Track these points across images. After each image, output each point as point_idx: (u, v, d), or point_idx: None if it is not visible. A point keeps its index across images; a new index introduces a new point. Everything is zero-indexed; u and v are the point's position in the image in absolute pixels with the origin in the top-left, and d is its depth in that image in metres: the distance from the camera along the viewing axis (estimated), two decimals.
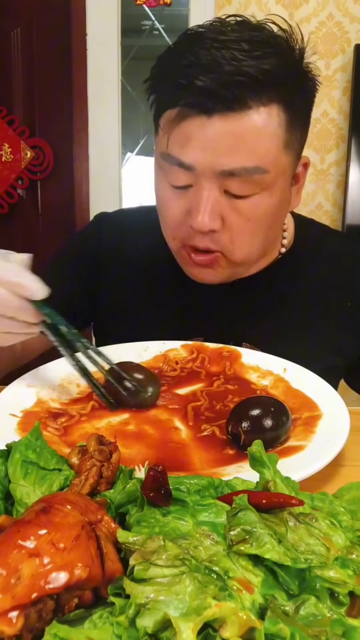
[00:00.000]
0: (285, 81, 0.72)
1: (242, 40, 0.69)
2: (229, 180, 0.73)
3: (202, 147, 0.71)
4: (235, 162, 0.71)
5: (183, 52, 0.72)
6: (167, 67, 0.75)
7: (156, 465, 0.40)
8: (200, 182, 0.73)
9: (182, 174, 0.74)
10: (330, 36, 2.32)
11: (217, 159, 0.71)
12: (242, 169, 0.72)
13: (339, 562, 0.37)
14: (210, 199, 0.73)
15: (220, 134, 0.70)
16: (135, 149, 2.65)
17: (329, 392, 0.69)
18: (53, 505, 0.35)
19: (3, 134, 2.46)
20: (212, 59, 0.68)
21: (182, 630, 0.28)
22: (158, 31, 2.55)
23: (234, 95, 0.69)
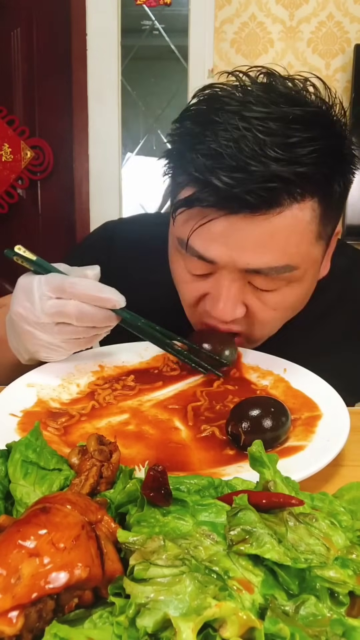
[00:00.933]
0: (324, 174, 0.63)
1: (271, 120, 0.60)
2: (253, 276, 0.68)
3: (226, 245, 0.65)
4: (262, 262, 0.65)
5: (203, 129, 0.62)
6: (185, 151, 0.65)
7: (156, 465, 0.40)
8: (222, 272, 0.68)
9: (201, 264, 0.69)
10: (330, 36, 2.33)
11: (242, 257, 0.65)
12: (270, 269, 0.66)
13: (339, 562, 0.37)
14: (233, 290, 0.68)
15: (248, 234, 0.64)
16: (135, 149, 2.65)
17: (329, 392, 0.69)
18: (53, 505, 0.35)
19: (3, 134, 2.46)
20: (237, 149, 0.59)
21: (182, 630, 0.28)
22: (158, 31, 2.55)
23: (264, 201, 0.61)
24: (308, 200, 0.64)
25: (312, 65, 2.31)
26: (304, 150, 0.60)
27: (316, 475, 0.52)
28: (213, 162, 0.61)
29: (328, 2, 2.33)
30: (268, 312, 0.72)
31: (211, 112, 0.63)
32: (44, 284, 0.65)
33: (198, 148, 0.63)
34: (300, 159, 0.60)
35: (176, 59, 2.54)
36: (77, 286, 0.64)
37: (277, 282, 0.69)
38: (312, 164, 0.60)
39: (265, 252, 0.65)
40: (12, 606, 0.30)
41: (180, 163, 0.68)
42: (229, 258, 0.66)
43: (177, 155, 0.69)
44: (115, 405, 0.69)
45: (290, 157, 0.59)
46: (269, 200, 0.62)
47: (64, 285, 0.64)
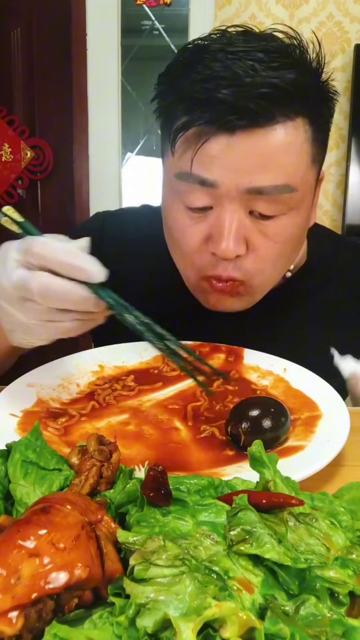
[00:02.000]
0: (310, 92, 0.67)
1: (256, 50, 0.64)
2: (255, 200, 0.67)
3: (227, 165, 0.65)
4: (264, 180, 0.66)
5: (193, 66, 0.66)
6: (178, 84, 0.68)
7: (156, 465, 0.40)
8: (222, 203, 0.68)
9: (202, 193, 0.68)
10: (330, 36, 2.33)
11: (244, 176, 0.66)
12: (272, 187, 0.66)
13: (339, 562, 0.37)
14: (235, 221, 0.68)
15: (246, 152, 0.65)
16: (135, 149, 2.65)
17: (329, 392, 0.69)
18: (53, 505, 0.35)
19: (3, 134, 2.46)
20: (230, 70, 0.63)
21: (182, 630, 0.28)
22: (158, 31, 2.55)
23: (260, 109, 0.63)
24: (299, 119, 0.67)
25: None
26: (290, 72, 0.64)
27: (316, 475, 0.52)
28: (209, 83, 0.64)
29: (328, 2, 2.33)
30: (270, 245, 0.71)
31: (198, 53, 0.67)
32: (16, 248, 0.57)
33: (191, 76, 0.65)
34: (287, 76, 0.64)
35: None
36: (45, 246, 0.55)
37: (278, 206, 0.69)
38: (298, 78, 0.65)
39: (266, 169, 0.66)
40: (12, 606, 0.30)
41: (174, 95, 0.69)
42: (230, 178, 0.66)
43: (172, 88, 0.70)
44: (115, 405, 0.69)
45: (278, 74, 0.64)
46: (264, 112, 0.64)
47: (32, 246, 0.55)
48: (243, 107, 0.63)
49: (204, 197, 0.69)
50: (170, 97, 0.70)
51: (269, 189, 0.67)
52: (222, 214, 0.68)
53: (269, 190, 0.67)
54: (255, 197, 0.67)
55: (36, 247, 0.55)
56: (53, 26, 2.44)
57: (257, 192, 0.67)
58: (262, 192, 0.67)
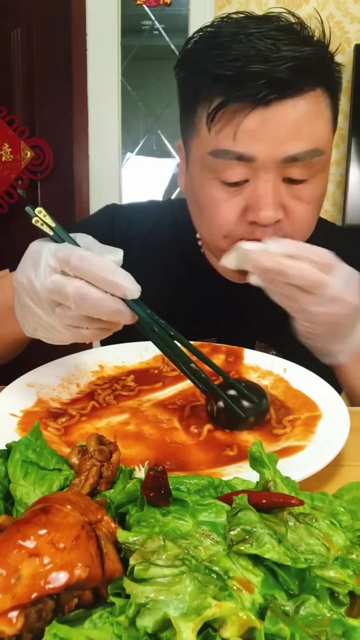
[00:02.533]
0: (324, 63, 0.74)
1: (270, 30, 0.70)
2: (289, 168, 0.72)
3: (264, 137, 0.70)
4: (298, 147, 0.71)
5: (214, 49, 0.71)
6: (204, 68, 0.72)
7: (156, 465, 0.40)
8: (258, 174, 0.72)
9: (239, 168, 0.72)
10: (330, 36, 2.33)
11: (280, 147, 0.70)
12: (305, 153, 0.71)
13: (339, 562, 0.37)
14: (270, 189, 0.72)
15: (281, 122, 0.70)
16: (135, 149, 2.65)
17: (329, 392, 0.69)
18: (53, 505, 0.35)
19: (3, 134, 2.46)
20: (255, 49, 0.68)
21: (182, 630, 0.28)
22: (158, 31, 2.55)
23: (292, 79, 0.68)
24: (319, 89, 0.73)
25: None
26: (304, 47, 0.70)
27: (316, 475, 0.52)
28: (240, 61, 0.68)
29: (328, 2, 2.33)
30: (304, 207, 0.75)
31: (211, 37, 0.73)
32: (52, 253, 0.58)
33: (217, 59, 0.70)
34: (306, 50, 0.70)
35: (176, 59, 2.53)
36: (84, 261, 0.56)
37: (309, 170, 0.73)
38: (314, 49, 0.71)
39: (298, 137, 0.71)
40: (12, 606, 0.30)
41: (203, 77, 0.73)
42: (267, 151, 0.70)
43: (195, 75, 0.74)
44: (115, 405, 0.69)
45: (298, 48, 0.69)
46: (295, 82, 0.69)
47: (72, 258, 0.56)
48: (277, 78, 0.68)
49: (241, 172, 0.73)
50: (197, 81, 0.74)
51: (302, 155, 0.71)
52: (259, 184, 0.72)
53: (302, 156, 0.72)
54: (290, 164, 0.72)
55: (75, 260, 0.56)
56: (53, 26, 2.44)
57: (292, 160, 0.71)
58: (296, 159, 0.72)
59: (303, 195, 0.75)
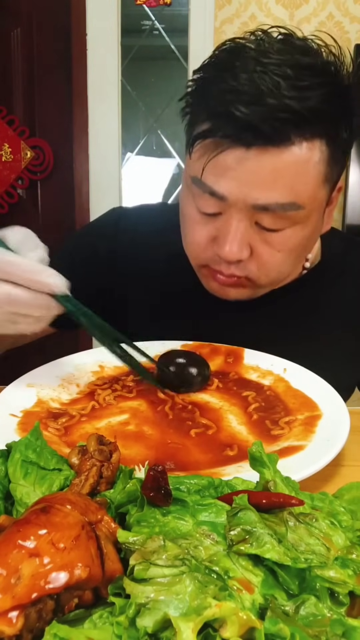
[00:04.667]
0: (332, 116, 0.68)
1: (286, 66, 0.64)
2: (261, 214, 0.70)
3: (238, 179, 0.67)
4: (271, 198, 0.68)
5: (223, 72, 0.67)
6: (205, 89, 0.70)
7: (156, 465, 0.40)
8: (230, 211, 0.70)
9: (212, 201, 0.71)
10: None
11: (252, 192, 0.68)
12: (277, 205, 0.68)
13: (339, 562, 0.37)
14: (240, 229, 0.70)
15: (258, 168, 0.66)
16: (135, 149, 2.65)
17: (329, 392, 0.69)
18: (53, 505, 0.35)
19: (3, 134, 2.46)
20: (254, 86, 0.64)
21: (182, 630, 0.28)
22: (158, 31, 2.55)
23: (276, 131, 0.65)
24: (316, 140, 0.67)
25: None
26: (314, 93, 0.65)
27: (316, 475, 0.52)
28: (231, 96, 0.65)
29: (328, 2, 2.33)
30: (272, 253, 0.73)
31: (231, 57, 0.68)
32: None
33: (218, 85, 0.67)
34: (311, 98, 0.65)
35: (176, 59, 2.54)
36: (11, 266, 0.60)
37: (282, 220, 0.70)
38: (320, 102, 0.65)
39: (275, 187, 0.67)
40: (12, 606, 0.30)
41: (200, 99, 0.71)
42: (239, 193, 0.68)
43: (198, 93, 0.72)
44: (115, 405, 0.69)
45: (302, 95, 0.64)
46: (281, 133, 0.65)
47: None
48: (260, 127, 0.64)
49: (214, 205, 0.72)
50: (195, 101, 0.72)
51: (274, 207, 0.69)
52: (229, 220, 0.71)
53: (274, 207, 0.69)
54: (261, 211, 0.69)
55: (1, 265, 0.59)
56: (53, 26, 2.44)
57: (263, 209, 0.69)
58: (267, 209, 0.69)
59: (274, 242, 0.72)
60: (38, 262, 0.62)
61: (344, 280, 0.91)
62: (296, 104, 0.64)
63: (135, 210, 1.03)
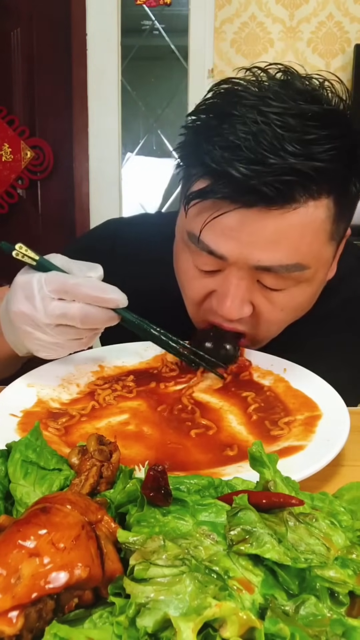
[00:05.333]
0: (342, 172, 0.63)
1: (289, 115, 0.59)
2: (263, 274, 0.66)
3: (239, 240, 0.64)
4: (274, 260, 0.64)
5: (219, 125, 0.62)
6: (201, 143, 0.64)
7: (156, 465, 0.40)
8: (230, 269, 0.67)
9: (211, 260, 0.68)
10: (330, 36, 2.33)
11: (254, 254, 0.64)
12: (281, 267, 0.65)
13: (339, 562, 0.37)
14: (241, 287, 0.67)
15: (260, 229, 0.63)
16: (135, 149, 2.65)
17: (329, 392, 0.69)
18: (53, 505, 0.35)
19: (3, 134, 2.46)
20: (255, 142, 0.59)
21: (182, 630, 0.28)
22: (158, 31, 2.55)
23: (280, 193, 0.60)
24: (324, 198, 0.63)
25: (312, 65, 2.31)
26: (321, 148, 0.60)
27: (316, 475, 0.52)
28: (230, 153, 0.60)
29: (328, 2, 2.33)
30: (275, 312, 0.70)
31: (228, 105, 0.63)
32: (45, 284, 0.62)
33: (215, 140, 0.62)
34: (318, 155, 0.60)
35: (176, 59, 2.54)
36: (81, 287, 0.62)
37: (286, 281, 0.67)
38: (329, 160, 0.60)
39: (278, 249, 0.64)
40: (12, 606, 0.30)
41: (195, 155, 0.66)
42: (239, 254, 0.65)
43: (193, 147, 0.67)
44: (115, 405, 0.69)
45: (308, 152, 0.59)
46: (285, 195, 0.61)
47: (67, 287, 0.62)
48: (261, 190, 0.60)
49: (213, 264, 0.69)
50: (191, 155, 0.68)
51: (277, 268, 0.65)
52: (229, 278, 0.68)
53: (277, 269, 0.65)
54: (264, 272, 0.66)
55: (70, 287, 0.62)
56: (53, 26, 2.44)
57: (265, 270, 0.66)
58: (270, 270, 0.66)
59: (277, 302, 0.69)
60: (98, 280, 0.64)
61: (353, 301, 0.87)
62: (301, 164, 0.59)
63: (132, 224, 0.99)
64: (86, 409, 0.67)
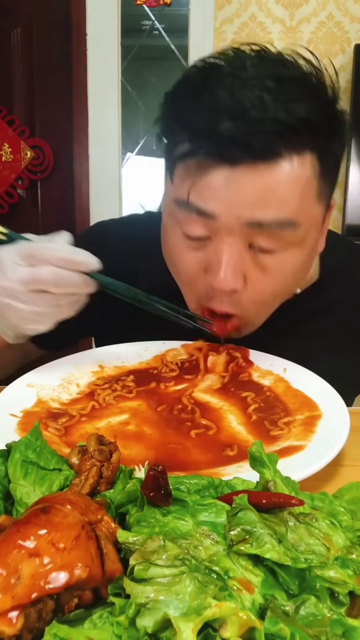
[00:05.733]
0: (321, 127, 0.64)
1: (267, 78, 0.61)
2: (255, 234, 0.65)
3: (227, 198, 0.63)
4: (266, 215, 0.64)
5: (199, 91, 0.64)
6: (182, 109, 0.66)
7: (156, 465, 0.40)
8: (221, 235, 0.66)
9: (200, 223, 0.67)
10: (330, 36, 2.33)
11: (245, 210, 0.64)
12: (273, 222, 0.64)
13: (339, 562, 0.37)
14: (234, 254, 0.66)
15: (248, 186, 0.63)
16: (135, 149, 2.65)
17: (329, 392, 0.69)
18: (53, 505, 0.35)
19: (3, 134, 2.46)
20: (235, 101, 0.60)
21: (182, 630, 0.28)
22: (158, 31, 2.55)
23: (265, 145, 0.61)
24: (307, 154, 0.64)
25: None
26: (301, 105, 0.61)
27: (316, 475, 0.52)
28: (212, 113, 0.61)
29: (328, 2, 2.33)
30: (267, 280, 0.69)
31: (207, 75, 0.65)
32: (14, 252, 0.63)
33: (195, 104, 0.64)
34: (298, 109, 0.61)
35: (176, 59, 2.54)
36: (48, 250, 0.63)
37: (278, 241, 0.66)
38: (309, 113, 0.62)
39: (268, 204, 0.64)
40: (12, 606, 0.30)
41: (177, 121, 0.67)
42: (229, 211, 0.64)
43: (173, 115, 0.68)
44: (115, 405, 0.69)
45: (288, 107, 0.61)
46: (269, 148, 0.61)
47: (35, 251, 0.63)
48: (246, 142, 0.60)
49: (202, 228, 0.67)
50: (173, 121, 0.68)
51: (270, 224, 0.65)
52: (220, 246, 0.66)
53: (270, 224, 0.65)
54: (256, 230, 0.65)
55: (39, 251, 0.63)
56: (53, 26, 2.44)
57: (258, 226, 0.65)
58: (262, 226, 0.65)
59: (269, 267, 0.68)
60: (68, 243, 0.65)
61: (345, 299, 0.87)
62: (284, 115, 0.60)
63: (121, 224, 0.99)
64: (86, 409, 0.67)
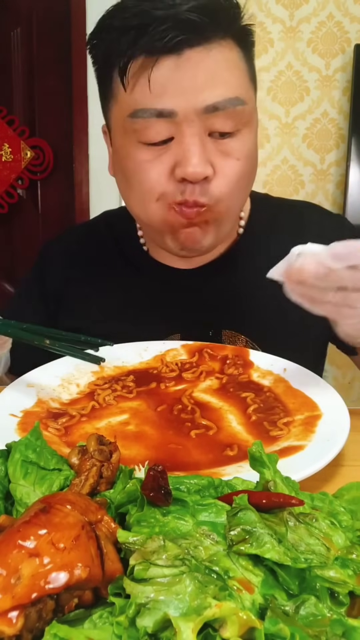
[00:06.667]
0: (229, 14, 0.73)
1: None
2: (212, 119, 0.71)
3: (179, 88, 0.69)
4: (217, 96, 0.70)
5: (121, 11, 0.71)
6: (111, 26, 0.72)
7: (156, 465, 0.40)
8: (183, 130, 0.71)
9: (161, 125, 0.71)
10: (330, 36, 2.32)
11: (199, 96, 0.70)
12: (225, 101, 0.71)
13: (339, 562, 0.37)
14: (197, 143, 0.71)
15: (195, 70, 0.69)
16: None
17: (329, 392, 0.69)
18: (53, 505, 0.35)
19: (3, 134, 2.46)
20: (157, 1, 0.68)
21: (182, 630, 0.28)
22: None
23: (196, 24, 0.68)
24: (229, 39, 0.72)
25: (312, 65, 2.31)
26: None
27: (316, 475, 0.52)
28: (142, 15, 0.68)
29: (328, 2, 2.32)
30: (233, 163, 0.74)
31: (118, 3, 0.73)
32: None
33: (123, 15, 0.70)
34: None
35: None
36: None
37: (233, 121, 0.72)
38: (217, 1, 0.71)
39: (216, 85, 0.71)
40: (12, 606, 0.30)
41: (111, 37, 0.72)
42: (185, 102, 0.70)
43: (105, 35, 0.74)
44: (115, 405, 0.69)
45: None
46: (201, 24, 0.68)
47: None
48: (181, 20, 0.67)
49: (164, 129, 0.72)
50: (107, 41, 0.73)
51: (222, 103, 0.71)
52: (184, 140, 0.71)
53: (223, 104, 0.71)
54: (212, 115, 0.71)
55: None
56: (53, 26, 2.44)
57: (213, 109, 0.71)
58: (217, 108, 0.71)
59: (231, 150, 0.74)
60: None
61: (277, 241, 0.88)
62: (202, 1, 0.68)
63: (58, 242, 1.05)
64: (86, 409, 0.67)
